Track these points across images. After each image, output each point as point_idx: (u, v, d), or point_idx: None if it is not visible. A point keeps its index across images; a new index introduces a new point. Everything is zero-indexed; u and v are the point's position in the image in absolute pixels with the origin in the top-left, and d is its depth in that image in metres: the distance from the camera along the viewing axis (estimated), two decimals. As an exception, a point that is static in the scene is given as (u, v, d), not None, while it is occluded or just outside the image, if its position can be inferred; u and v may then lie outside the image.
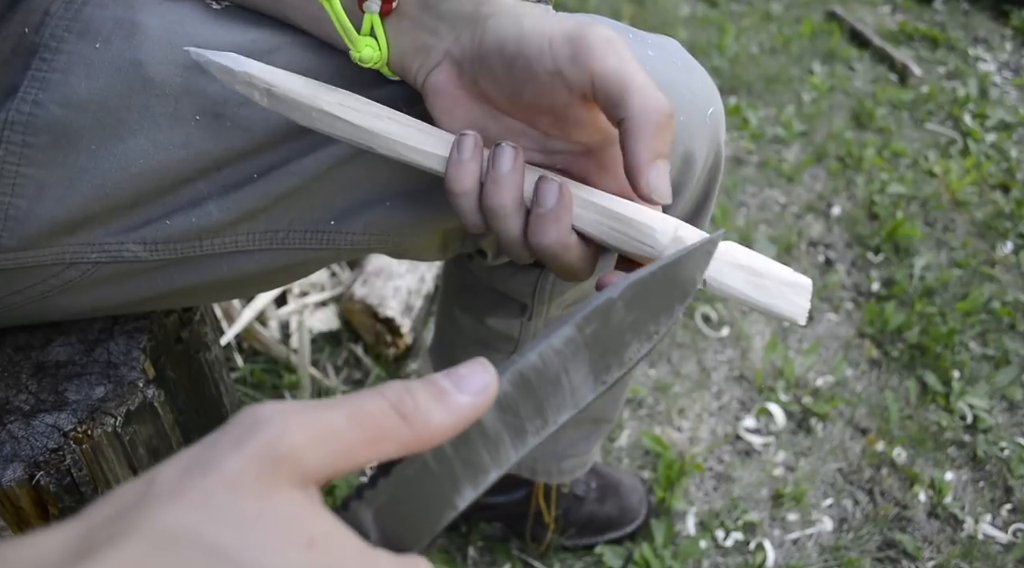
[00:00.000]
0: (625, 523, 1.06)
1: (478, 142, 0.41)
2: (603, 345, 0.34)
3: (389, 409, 0.26)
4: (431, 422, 0.26)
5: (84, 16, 0.48)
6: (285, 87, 0.43)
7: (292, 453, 0.23)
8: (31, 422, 0.52)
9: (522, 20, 0.40)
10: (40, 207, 0.49)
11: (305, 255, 0.55)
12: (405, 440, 0.26)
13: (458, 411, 0.27)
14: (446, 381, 0.28)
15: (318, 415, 0.24)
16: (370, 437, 0.25)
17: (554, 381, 0.32)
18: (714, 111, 0.56)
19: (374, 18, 0.43)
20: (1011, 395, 1.31)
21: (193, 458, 0.23)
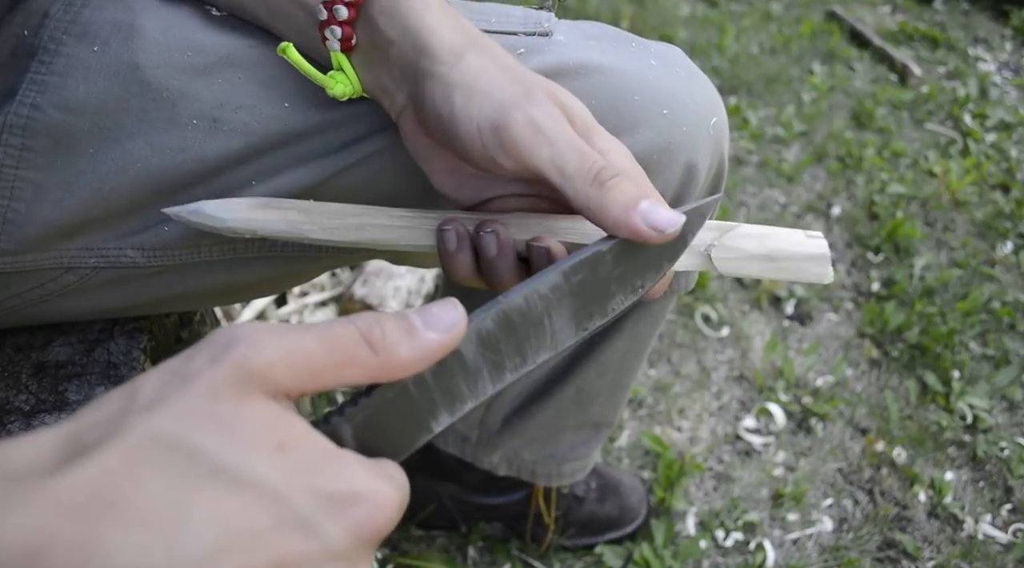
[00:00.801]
0: (625, 523, 1.06)
1: (459, 231, 0.41)
2: (588, 294, 0.35)
3: (358, 336, 0.27)
4: (398, 354, 0.28)
5: (83, 19, 0.48)
6: (267, 229, 0.43)
7: (264, 367, 0.25)
8: (31, 422, 0.52)
9: (453, 93, 0.39)
10: (38, 211, 0.48)
11: (304, 262, 0.54)
12: (372, 368, 0.27)
13: (425, 346, 0.28)
14: (416, 317, 0.29)
15: (290, 336, 0.26)
16: (339, 360, 0.27)
17: (536, 323, 0.33)
18: (717, 121, 0.55)
19: (340, 56, 0.43)
20: (1011, 395, 1.31)
21: (172, 370, 0.25)
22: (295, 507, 0.23)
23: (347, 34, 0.42)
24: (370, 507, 0.25)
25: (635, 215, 0.36)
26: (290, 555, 0.23)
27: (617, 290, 0.36)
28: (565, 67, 0.50)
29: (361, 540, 0.25)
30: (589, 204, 0.37)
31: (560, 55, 0.50)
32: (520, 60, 0.50)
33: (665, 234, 0.36)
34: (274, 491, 0.23)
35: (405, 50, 0.41)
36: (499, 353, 0.32)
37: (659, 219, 0.36)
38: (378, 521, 0.25)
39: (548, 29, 0.52)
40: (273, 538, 0.23)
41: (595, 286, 0.35)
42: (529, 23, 0.52)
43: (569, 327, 0.34)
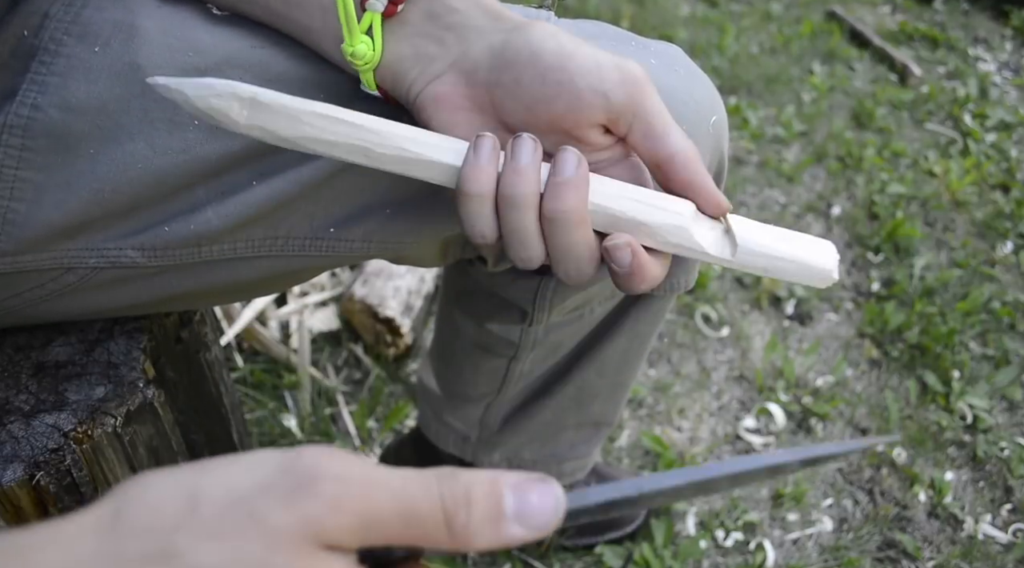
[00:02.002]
0: (625, 523, 1.06)
1: (496, 145, 0.41)
2: None
3: (440, 520, 0.25)
4: (473, 543, 0.26)
5: (83, 19, 0.48)
6: (270, 95, 0.41)
7: (335, 530, 0.24)
8: (31, 422, 0.52)
9: (559, 36, 0.41)
10: (39, 211, 0.48)
11: (304, 262, 0.54)
12: (441, 544, 0.26)
13: (506, 539, 0.26)
14: (511, 504, 0.26)
15: (372, 501, 0.24)
16: (412, 535, 0.25)
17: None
18: (717, 119, 0.55)
19: (375, 17, 0.43)
20: (1011, 395, 1.31)
21: (242, 496, 0.23)
22: None
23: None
24: None
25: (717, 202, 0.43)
26: None
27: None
28: None
29: None
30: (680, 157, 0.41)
31: None
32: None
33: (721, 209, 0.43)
34: None
35: (472, 17, 0.43)
36: None
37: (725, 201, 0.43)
38: None
39: None
40: None
41: None
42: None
43: None
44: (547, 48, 0.40)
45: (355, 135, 0.41)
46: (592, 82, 0.40)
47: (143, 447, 0.57)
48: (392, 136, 0.41)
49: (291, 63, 0.48)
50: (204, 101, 0.41)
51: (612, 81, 0.40)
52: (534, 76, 0.41)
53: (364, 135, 0.41)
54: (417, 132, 0.42)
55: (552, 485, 0.27)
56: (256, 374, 1.19)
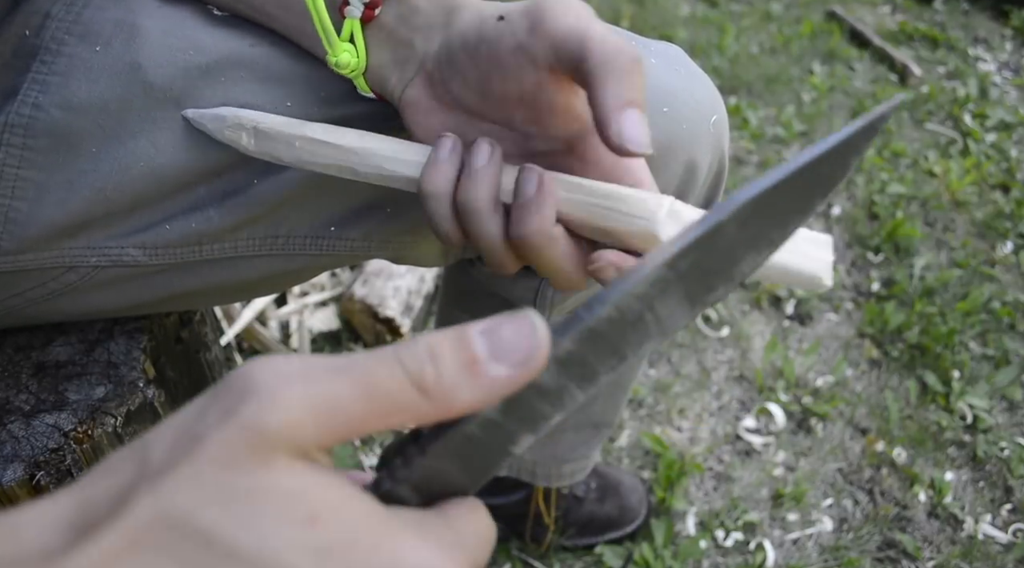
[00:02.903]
0: (625, 523, 1.06)
1: (456, 144, 0.41)
2: (704, 270, 0.27)
3: (406, 383, 0.22)
4: (457, 399, 0.23)
5: (84, 19, 0.48)
6: (269, 122, 0.45)
7: (286, 427, 0.21)
8: (31, 422, 0.52)
9: (483, 10, 0.40)
10: (40, 210, 0.49)
11: (305, 261, 0.55)
12: (424, 415, 0.23)
13: (492, 386, 0.23)
14: (481, 343, 0.23)
15: (318, 385, 0.21)
16: (381, 410, 0.22)
17: (635, 323, 0.26)
18: (717, 119, 0.55)
19: (355, 24, 0.43)
20: (1011, 395, 1.31)
21: (183, 428, 0.22)
22: None
23: (376, 1, 0.42)
24: None
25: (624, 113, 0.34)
26: None
27: (745, 252, 0.28)
28: None
29: None
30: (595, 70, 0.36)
31: None
32: None
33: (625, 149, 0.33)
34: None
35: (432, 15, 0.42)
36: (587, 365, 0.26)
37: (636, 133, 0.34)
38: None
39: None
40: None
41: (714, 259, 0.27)
42: None
43: (681, 307, 0.27)
44: (470, 27, 0.40)
45: (339, 157, 0.43)
46: (506, 42, 0.39)
47: (143, 447, 0.57)
48: (370, 155, 0.43)
49: (290, 62, 0.48)
50: (220, 133, 0.46)
51: (521, 31, 0.38)
52: (468, 60, 0.40)
53: (347, 156, 0.43)
54: (396, 148, 0.43)
55: (525, 314, 0.24)
56: (256, 374, 1.19)
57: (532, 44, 0.38)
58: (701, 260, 0.27)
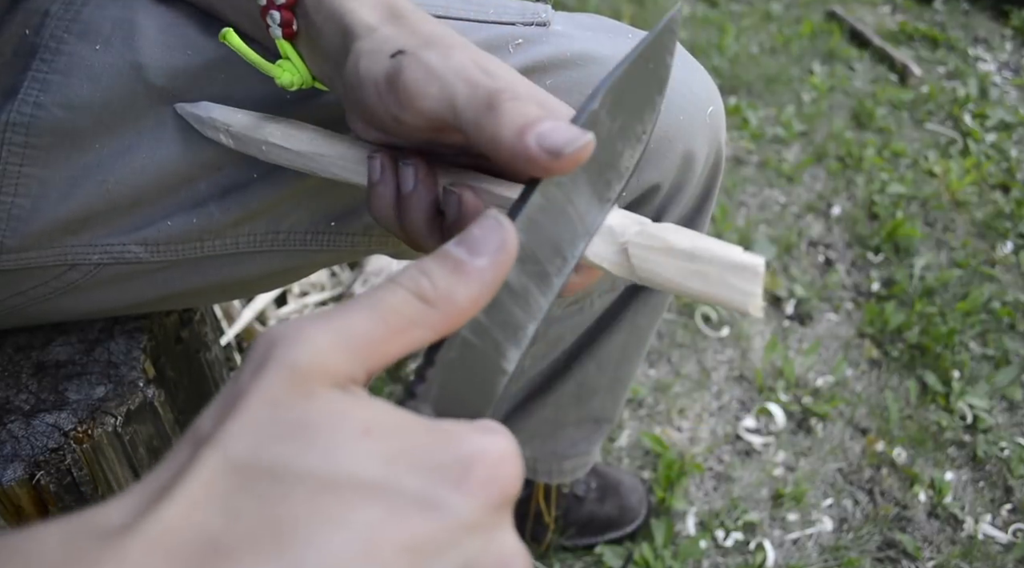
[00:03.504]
0: (625, 523, 1.06)
1: (386, 165, 0.38)
2: (598, 161, 0.32)
3: (409, 297, 0.24)
4: (457, 299, 0.25)
5: (84, 17, 0.48)
6: (238, 125, 0.45)
7: (317, 360, 0.22)
8: (31, 422, 0.52)
9: (359, 60, 0.37)
10: (43, 207, 0.49)
11: (306, 256, 0.55)
12: (435, 323, 0.25)
13: (481, 278, 0.25)
14: (459, 249, 0.26)
15: (335, 320, 0.23)
16: (396, 327, 0.24)
17: (561, 213, 0.30)
18: (714, 110, 0.56)
19: (283, 44, 0.41)
20: (1011, 395, 1.31)
21: (222, 398, 0.23)
22: (403, 489, 0.21)
23: (287, 18, 0.40)
24: (487, 465, 0.22)
25: (529, 138, 0.30)
26: (417, 540, 0.20)
27: (623, 146, 0.33)
28: (562, 58, 0.50)
29: (491, 502, 0.22)
30: (482, 134, 0.32)
31: (558, 46, 0.51)
32: (518, 51, 0.50)
33: (563, 157, 0.30)
34: (373, 480, 0.21)
35: (332, 37, 0.39)
36: (538, 262, 0.29)
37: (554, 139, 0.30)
38: (502, 477, 0.22)
39: (545, 19, 0.52)
40: (392, 528, 0.20)
41: (601, 150, 0.31)
42: (527, 14, 0.52)
43: (593, 204, 0.32)
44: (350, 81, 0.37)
45: (298, 161, 0.44)
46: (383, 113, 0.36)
47: (143, 447, 0.57)
48: (323, 161, 0.43)
49: None
50: (204, 131, 0.47)
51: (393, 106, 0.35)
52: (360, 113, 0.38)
53: (304, 161, 0.43)
54: (346, 153, 0.42)
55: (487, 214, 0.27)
56: (256, 374, 1.19)
57: (407, 118, 0.35)
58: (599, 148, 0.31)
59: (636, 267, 0.33)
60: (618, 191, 0.33)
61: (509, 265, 0.26)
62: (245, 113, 0.46)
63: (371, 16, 0.38)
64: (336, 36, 0.39)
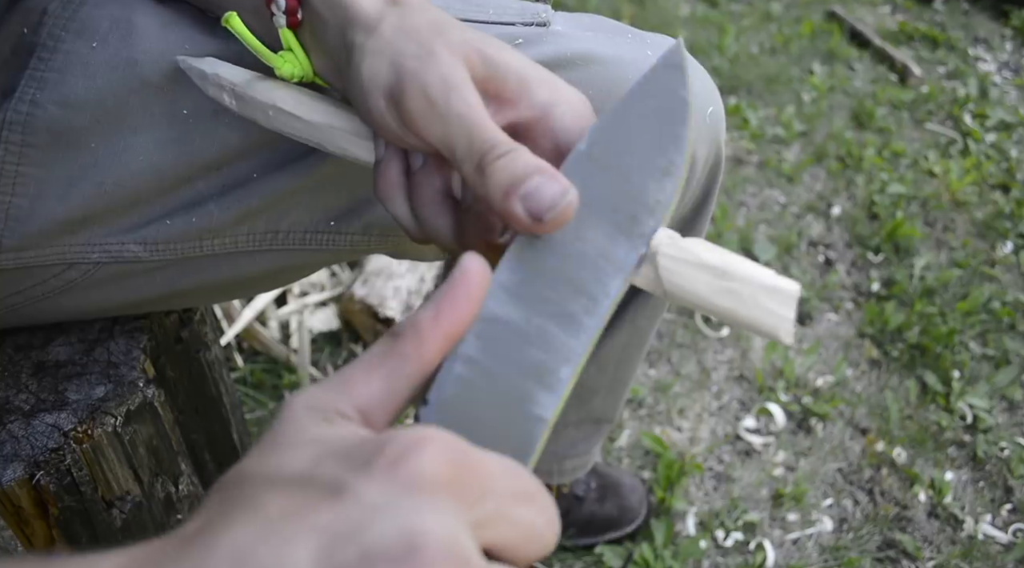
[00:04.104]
0: (625, 523, 1.06)
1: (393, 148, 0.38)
2: (608, 199, 0.31)
3: (385, 337, 0.27)
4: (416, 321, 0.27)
5: (81, 15, 0.48)
6: (246, 86, 0.43)
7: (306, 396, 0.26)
8: (31, 422, 0.52)
9: (362, 64, 0.36)
10: (41, 206, 0.49)
11: (305, 256, 0.55)
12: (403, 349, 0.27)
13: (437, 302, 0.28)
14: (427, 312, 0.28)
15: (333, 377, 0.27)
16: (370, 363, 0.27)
17: (570, 252, 0.30)
18: (714, 110, 0.56)
19: (287, 34, 0.41)
20: (1011, 395, 1.31)
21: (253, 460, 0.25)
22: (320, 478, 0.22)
23: (292, 6, 0.40)
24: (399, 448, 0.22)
25: (514, 203, 0.30)
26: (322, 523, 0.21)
27: (643, 180, 0.32)
28: (563, 58, 0.50)
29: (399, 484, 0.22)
30: (476, 190, 0.33)
31: (558, 46, 0.51)
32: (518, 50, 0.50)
33: (546, 221, 0.30)
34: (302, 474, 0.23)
35: (335, 28, 0.39)
36: (550, 301, 0.29)
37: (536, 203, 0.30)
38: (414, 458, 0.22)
39: (545, 20, 0.52)
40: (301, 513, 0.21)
41: (607, 187, 0.31)
42: (526, 14, 0.52)
43: (616, 240, 0.31)
44: (352, 87, 0.37)
45: (307, 131, 0.42)
46: (387, 129, 0.36)
47: (143, 447, 0.57)
48: (333, 133, 0.41)
49: None
50: (207, 89, 0.45)
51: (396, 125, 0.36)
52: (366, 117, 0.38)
53: (313, 132, 0.42)
54: (359, 129, 0.41)
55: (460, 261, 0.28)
56: (256, 374, 1.19)
57: (409, 139, 0.36)
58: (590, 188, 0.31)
59: (664, 279, 0.32)
60: (652, 226, 0.32)
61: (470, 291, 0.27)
62: (254, 74, 0.44)
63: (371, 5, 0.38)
64: (338, 28, 0.39)
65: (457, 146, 0.33)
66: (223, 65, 0.45)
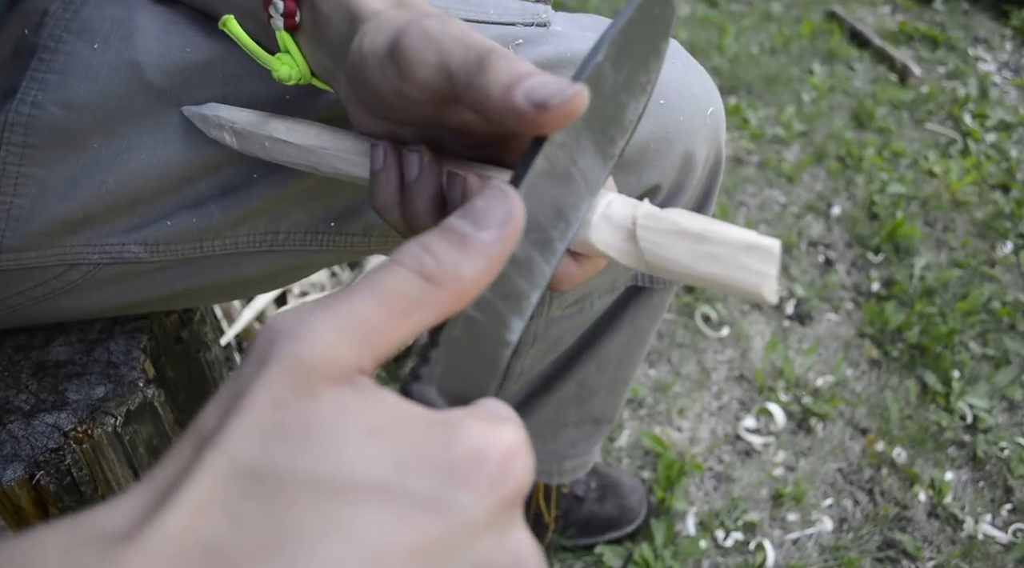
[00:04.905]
0: (625, 523, 1.06)
1: (389, 154, 0.38)
2: (602, 116, 0.30)
3: (412, 276, 0.23)
4: (463, 276, 0.24)
5: (82, 16, 0.48)
6: (243, 122, 0.44)
7: (322, 355, 0.21)
8: (31, 422, 0.52)
9: (363, 39, 0.36)
10: (42, 206, 0.49)
11: (305, 257, 0.55)
12: (440, 303, 0.24)
13: (486, 252, 0.24)
14: (463, 222, 0.24)
15: (338, 309, 0.22)
16: (400, 310, 0.23)
17: (564, 177, 0.29)
18: (714, 111, 0.56)
19: (284, 36, 0.41)
20: (1011, 395, 1.31)
21: (225, 396, 0.22)
22: (412, 491, 0.20)
23: (290, 9, 0.39)
24: (497, 461, 0.21)
25: (517, 92, 0.29)
26: (427, 543, 0.20)
27: (627, 98, 0.31)
28: (563, 58, 0.50)
29: (502, 499, 0.21)
30: (473, 95, 0.31)
31: (558, 46, 0.51)
32: (518, 51, 0.50)
33: (550, 110, 0.28)
34: (383, 483, 0.20)
35: (339, 25, 0.39)
36: (542, 228, 0.28)
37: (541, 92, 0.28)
38: (513, 472, 0.21)
39: (546, 20, 0.52)
40: (401, 532, 0.19)
41: (606, 104, 0.30)
42: (527, 15, 0.52)
43: (596, 163, 0.30)
44: (353, 61, 0.37)
45: (301, 156, 0.43)
46: (386, 87, 0.36)
47: (143, 447, 0.57)
48: (326, 155, 0.42)
49: None
50: (209, 132, 0.47)
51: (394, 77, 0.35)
52: (364, 91, 0.38)
53: (307, 156, 0.42)
54: (350, 146, 0.41)
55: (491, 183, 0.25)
56: (256, 374, 1.19)
57: (408, 90, 0.35)
58: (596, 105, 0.30)
59: (645, 251, 0.31)
60: (621, 146, 0.31)
61: (516, 237, 0.25)
62: (250, 111, 0.46)
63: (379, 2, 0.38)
64: (343, 24, 0.38)
65: (453, 59, 0.32)
66: (223, 107, 0.46)
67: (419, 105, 0.35)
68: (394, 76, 0.35)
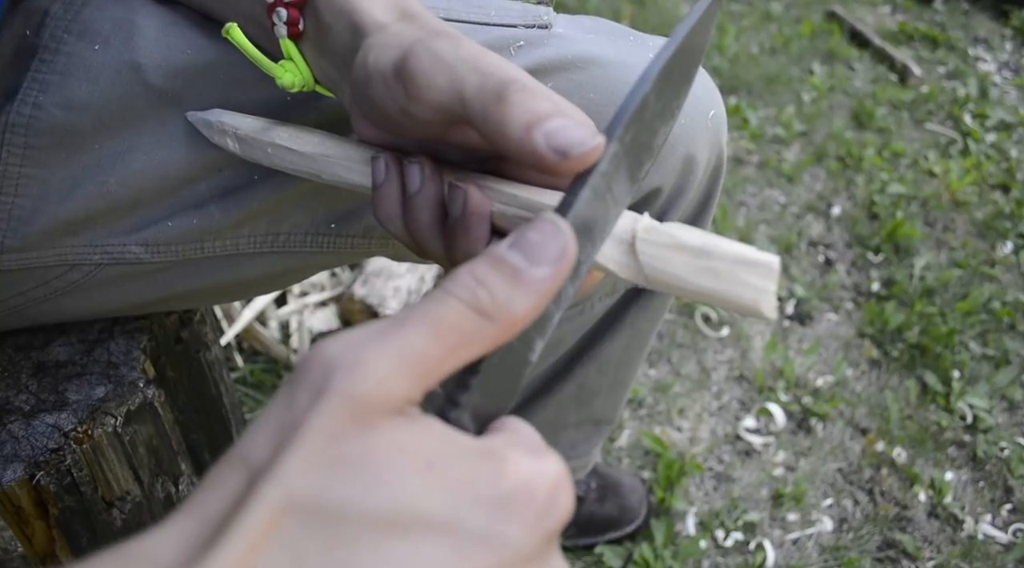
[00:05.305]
0: (625, 523, 1.06)
1: (391, 165, 0.37)
2: (639, 144, 0.31)
3: (467, 311, 0.23)
4: (515, 312, 0.24)
5: (83, 17, 0.48)
6: (246, 128, 0.44)
7: (377, 387, 0.21)
8: (31, 422, 0.52)
9: (368, 54, 0.36)
10: (44, 207, 0.49)
11: (305, 258, 0.55)
12: (492, 337, 0.24)
13: (540, 289, 0.24)
14: (516, 256, 0.24)
15: (393, 341, 0.22)
16: (454, 345, 0.23)
17: (601, 202, 0.29)
18: (715, 113, 0.56)
19: (288, 44, 0.41)
20: (1011, 395, 1.31)
21: (276, 422, 0.22)
22: (468, 526, 0.21)
23: (294, 17, 0.39)
24: (545, 495, 0.22)
25: (537, 135, 0.29)
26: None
27: (660, 124, 0.32)
28: (565, 60, 0.50)
29: (547, 531, 0.22)
30: (489, 126, 0.31)
31: (559, 48, 0.51)
32: (520, 53, 0.50)
33: (570, 159, 0.28)
34: (441, 518, 0.20)
35: (342, 35, 0.38)
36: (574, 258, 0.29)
37: (562, 139, 0.28)
38: (558, 505, 0.22)
39: (547, 22, 0.52)
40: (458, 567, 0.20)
41: (644, 132, 0.31)
42: (528, 16, 0.52)
43: (627, 187, 0.31)
44: (358, 77, 0.37)
45: (303, 163, 0.43)
46: (391, 107, 0.35)
47: (143, 447, 0.57)
48: (328, 163, 0.42)
49: None
50: (212, 137, 0.47)
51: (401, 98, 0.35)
52: (368, 107, 0.37)
53: (309, 163, 0.42)
54: (352, 154, 0.41)
55: (543, 216, 0.25)
56: (256, 374, 1.19)
57: (415, 110, 0.34)
58: (637, 133, 0.30)
59: (644, 264, 0.31)
60: (647, 169, 0.32)
61: (568, 273, 0.25)
62: (254, 118, 0.46)
63: (383, 15, 0.38)
64: (346, 34, 0.38)
65: (467, 86, 0.32)
66: (226, 113, 0.46)
67: (424, 125, 0.35)
68: (400, 95, 0.34)
